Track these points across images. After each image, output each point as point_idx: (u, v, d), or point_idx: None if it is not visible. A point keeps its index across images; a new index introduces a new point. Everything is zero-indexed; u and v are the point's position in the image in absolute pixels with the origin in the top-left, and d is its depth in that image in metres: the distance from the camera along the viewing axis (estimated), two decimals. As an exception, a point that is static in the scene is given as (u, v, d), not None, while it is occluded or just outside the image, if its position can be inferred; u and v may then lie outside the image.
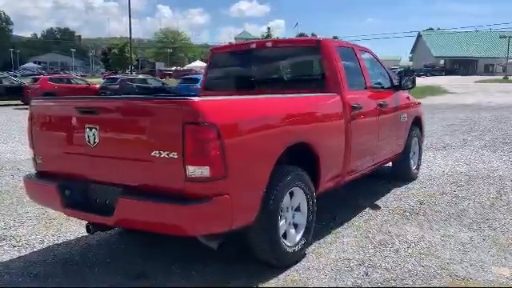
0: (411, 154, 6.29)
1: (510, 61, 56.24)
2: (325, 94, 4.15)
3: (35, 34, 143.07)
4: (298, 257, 3.64)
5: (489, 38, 74.36)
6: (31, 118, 3.58)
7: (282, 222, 3.43)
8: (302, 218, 3.72)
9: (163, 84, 22.88)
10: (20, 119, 16.61)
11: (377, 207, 5.17)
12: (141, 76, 24.80)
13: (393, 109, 5.46)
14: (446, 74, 60.31)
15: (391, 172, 6.26)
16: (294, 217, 3.65)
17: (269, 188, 3.23)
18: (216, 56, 5.26)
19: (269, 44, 4.81)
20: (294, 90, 4.41)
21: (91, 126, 3.10)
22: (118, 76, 24.60)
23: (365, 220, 4.74)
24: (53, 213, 5.16)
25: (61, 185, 3.31)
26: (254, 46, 4.91)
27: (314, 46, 4.41)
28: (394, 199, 5.52)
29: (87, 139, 3.14)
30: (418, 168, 6.60)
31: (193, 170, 2.73)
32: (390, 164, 6.23)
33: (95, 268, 3.63)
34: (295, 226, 3.67)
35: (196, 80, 21.22)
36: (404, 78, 5.62)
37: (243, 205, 3.01)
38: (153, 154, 2.83)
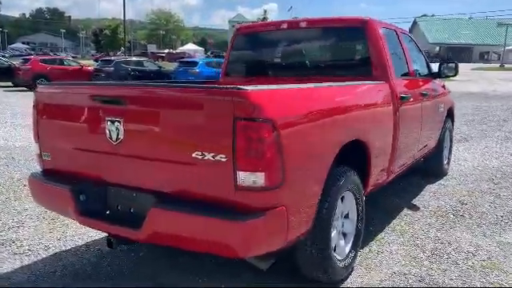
0: (444, 147, 5.82)
1: (507, 48, 55.96)
2: (374, 83, 3.62)
3: (24, 14, 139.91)
4: (347, 272, 3.15)
5: (484, 25, 73.99)
6: (37, 107, 3.01)
7: (333, 233, 2.93)
8: (350, 227, 3.23)
9: (160, 68, 22.12)
10: (11, 102, 15.88)
11: (415, 207, 4.70)
12: (135, 58, 23.95)
13: (433, 99, 4.96)
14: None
15: (423, 167, 5.78)
16: (343, 225, 3.15)
17: (323, 194, 2.73)
18: (240, 37, 4.68)
19: (303, 24, 4.24)
20: (332, 77, 3.87)
21: (114, 118, 2.55)
22: (112, 58, 23.74)
23: (407, 223, 4.26)
24: (56, 211, 4.62)
25: (75, 188, 2.77)
26: (285, 25, 4.34)
27: (359, 27, 3.86)
28: (431, 198, 5.05)
29: (108, 134, 2.60)
30: (448, 163, 6.13)
31: (245, 177, 2.20)
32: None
33: (112, 282, 3.12)
34: (344, 235, 3.18)
35: (194, 63, 20.55)
36: (443, 65, 5.10)
37: (299, 216, 2.51)
38: (195, 155, 2.30)
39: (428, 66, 5.21)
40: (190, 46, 79.45)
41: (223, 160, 2.22)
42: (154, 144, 2.47)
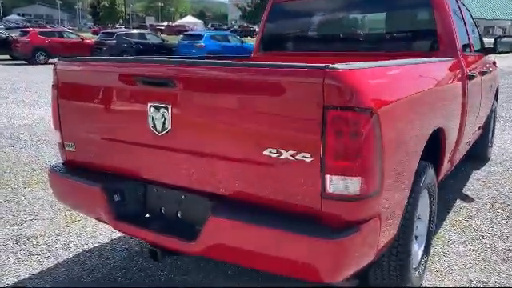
0: (489, 129, 5.34)
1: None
2: (446, 59, 3.11)
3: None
4: (421, 281, 2.72)
5: (490, -2, 72.44)
6: (58, 88, 2.51)
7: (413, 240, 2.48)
8: (422, 228, 2.78)
9: (163, 41, 21.37)
10: (11, 76, 15.26)
11: (469, 199, 4.25)
12: (138, 31, 23.10)
13: (489, 77, 4.45)
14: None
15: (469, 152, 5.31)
16: (417, 228, 2.70)
17: (409, 195, 2.27)
18: (278, 5, 4.11)
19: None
20: (390, 52, 3.37)
21: (160, 104, 2.06)
22: (114, 30, 22.90)
23: (465, 218, 3.82)
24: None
25: (108, 186, 2.29)
26: (332, -8, 3.79)
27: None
28: (482, 186, 4.60)
29: (151, 123, 2.11)
30: (491, 146, 5.67)
31: (335, 183, 1.73)
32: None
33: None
34: (416, 239, 2.73)
35: (199, 36, 19.83)
36: (499, 40, 4.56)
37: (389, 225, 2.05)
38: (267, 152, 1.82)
39: (481, 40, 4.68)
40: (189, 19, 77.88)
41: (307, 160, 1.74)
42: (211, 137, 1.98)
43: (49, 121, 8.15)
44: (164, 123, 2.07)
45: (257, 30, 61.58)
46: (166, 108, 2.05)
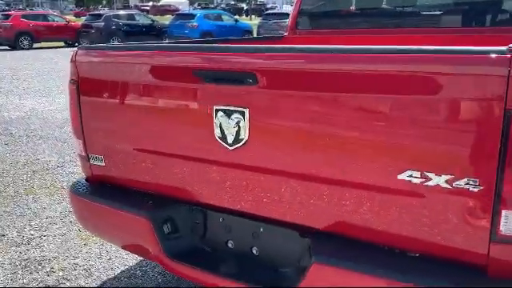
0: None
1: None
2: None
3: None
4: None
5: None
6: (79, 84, 1.92)
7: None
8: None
9: (153, 21, 20.46)
10: (-5, 63, 14.40)
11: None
12: (126, 12, 22.09)
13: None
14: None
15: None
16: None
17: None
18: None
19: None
20: (460, 29, 2.81)
21: (232, 107, 1.50)
22: (101, 12, 21.87)
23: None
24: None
25: (156, 214, 1.74)
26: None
27: None
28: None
29: (219, 133, 1.55)
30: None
31: (513, 221, 1.20)
32: None
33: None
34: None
35: (191, 16, 19.00)
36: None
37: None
38: (404, 176, 1.27)
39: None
40: (175, -1, 75.98)
41: (472, 189, 1.20)
42: (311, 152, 1.43)
43: (42, 112, 7.53)
44: (238, 133, 1.51)
45: (245, 7, 59.95)
46: (242, 113, 1.48)
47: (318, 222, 1.48)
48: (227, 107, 1.51)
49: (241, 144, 1.52)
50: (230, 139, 1.53)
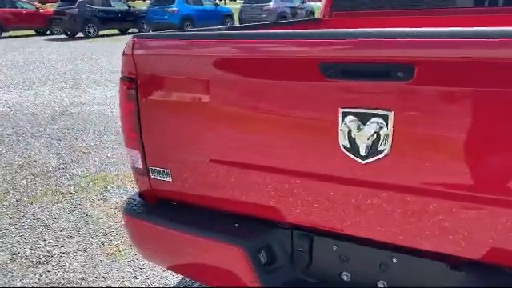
0: None
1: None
2: None
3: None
4: None
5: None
6: (136, 82, 1.54)
7: None
8: None
9: (129, 7, 19.62)
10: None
11: None
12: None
13: None
14: None
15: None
16: None
17: None
18: None
19: None
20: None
21: (368, 111, 1.16)
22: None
23: None
24: (98, 214, 3.23)
25: (252, 242, 1.41)
26: None
27: None
28: None
29: (345, 143, 1.21)
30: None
31: None
32: None
33: None
34: None
35: (171, 0, 18.22)
36: None
37: None
38: None
39: None
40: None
41: None
42: (484, 170, 1.11)
43: (28, 106, 6.97)
44: (376, 143, 1.18)
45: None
46: (384, 117, 1.16)
47: (477, 252, 1.18)
48: (361, 110, 1.18)
49: (379, 157, 1.19)
50: (364, 151, 1.20)
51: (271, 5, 18.51)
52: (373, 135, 1.18)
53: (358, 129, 1.19)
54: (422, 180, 1.18)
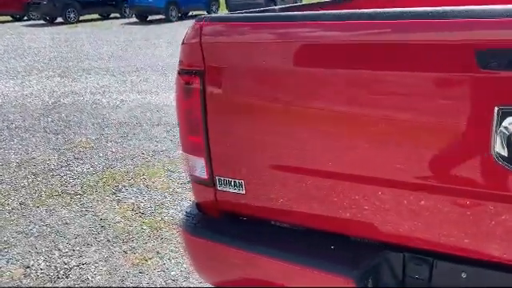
0: None
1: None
2: None
3: None
4: None
5: None
6: (203, 77, 1.26)
7: None
8: None
9: (110, -9, 18.91)
10: None
11: None
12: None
13: None
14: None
15: None
16: None
17: None
18: None
19: None
20: None
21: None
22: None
23: None
24: (114, 217, 2.94)
25: (359, 269, 1.16)
26: None
27: None
28: None
29: (500, 151, 0.96)
30: None
31: None
32: None
33: None
34: None
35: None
36: None
37: None
38: None
39: None
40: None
41: None
42: None
43: (16, 97, 6.52)
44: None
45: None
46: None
47: None
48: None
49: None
50: (522, 155, 0.96)
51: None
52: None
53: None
54: None
